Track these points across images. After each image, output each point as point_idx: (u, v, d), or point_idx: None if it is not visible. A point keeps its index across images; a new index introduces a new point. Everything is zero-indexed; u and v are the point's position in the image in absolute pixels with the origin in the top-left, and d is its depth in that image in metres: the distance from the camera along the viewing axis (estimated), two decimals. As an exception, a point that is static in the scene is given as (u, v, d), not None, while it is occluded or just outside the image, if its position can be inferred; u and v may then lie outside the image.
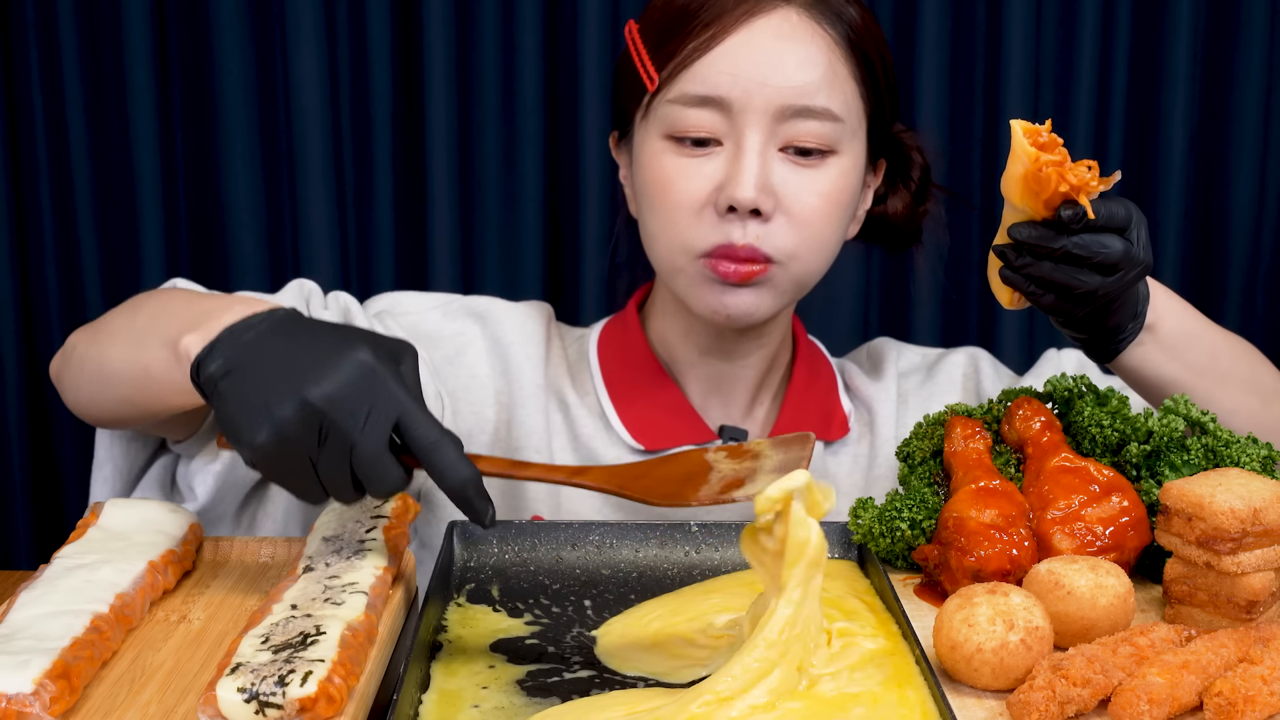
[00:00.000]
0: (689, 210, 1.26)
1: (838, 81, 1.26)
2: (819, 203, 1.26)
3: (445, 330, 1.41)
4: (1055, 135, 1.05)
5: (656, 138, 1.28)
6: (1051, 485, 1.07)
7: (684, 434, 1.37)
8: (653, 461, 1.02)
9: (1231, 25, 1.94)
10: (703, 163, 1.25)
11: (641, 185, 1.30)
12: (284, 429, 0.91)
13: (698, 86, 1.24)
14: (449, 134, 1.88)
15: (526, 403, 1.38)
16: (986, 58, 1.93)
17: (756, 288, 1.26)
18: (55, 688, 0.84)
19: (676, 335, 1.38)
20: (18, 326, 1.92)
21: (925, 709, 0.88)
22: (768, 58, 1.23)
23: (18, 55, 1.88)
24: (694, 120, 1.25)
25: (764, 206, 1.23)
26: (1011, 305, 1.14)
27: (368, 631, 0.92)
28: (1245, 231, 1.97)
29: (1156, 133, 1.94)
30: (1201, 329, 1.25)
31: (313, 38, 1.86)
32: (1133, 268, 1.10)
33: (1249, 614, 0.97)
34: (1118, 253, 1.08)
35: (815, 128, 1.25)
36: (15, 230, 1.91)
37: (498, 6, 1.88)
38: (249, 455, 0.93)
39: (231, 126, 1.88)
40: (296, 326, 0.98)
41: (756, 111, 1.23)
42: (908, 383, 1.47)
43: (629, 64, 1.31)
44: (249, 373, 0.95)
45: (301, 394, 0.91)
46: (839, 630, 0.98)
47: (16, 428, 1.93)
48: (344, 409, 0.91)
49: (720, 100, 1.24)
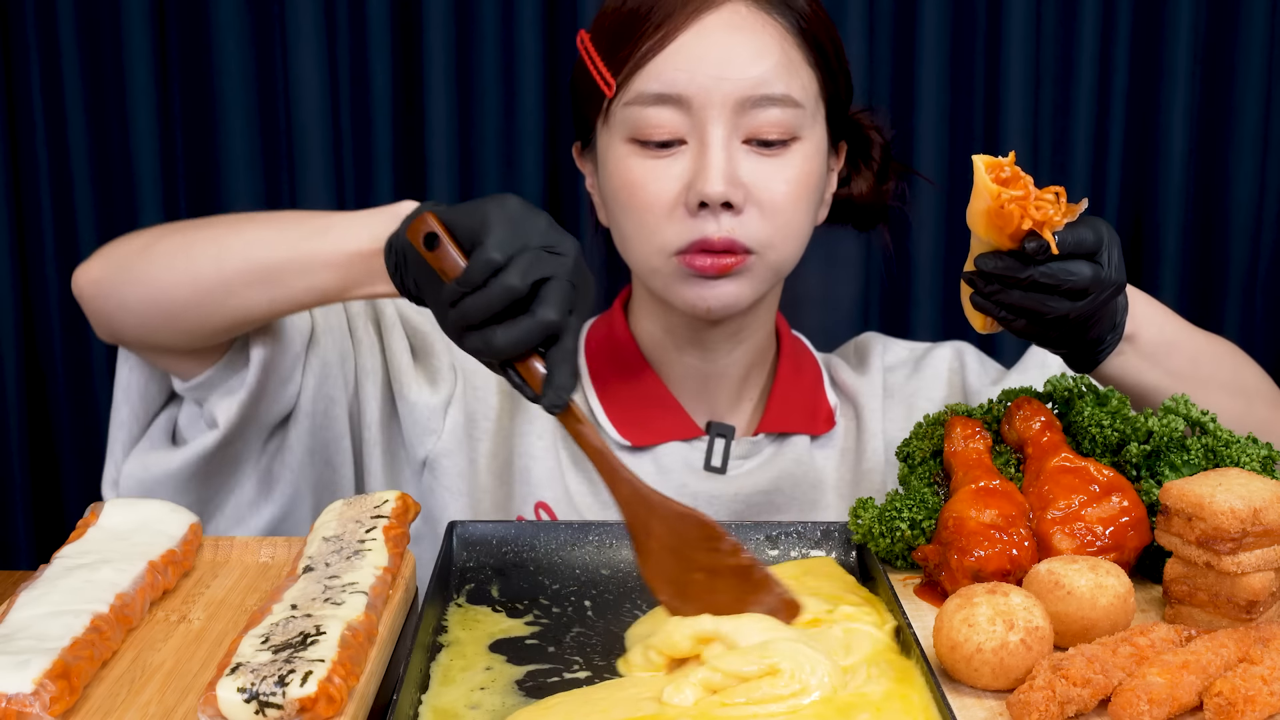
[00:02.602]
0: (660, 211, 1.26)
1: (793, 68, 1.27)
2: (788, 189, 1.27)
3: None
4: (1018, 169, 1.04)
5: (620, 142, 1.29)
6: (1051, 485, 1.07)
7: (670, 430, 1.37)
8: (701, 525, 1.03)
9: (1231, 25, 1.94)
10: (669, 163, 1.26)
11: (610, 191, 1.31)
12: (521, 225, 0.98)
13: (654, 85, 1.25)
14: (449, 134, 1.89)
15: None
16: (986, 58, 1.93)
17: (735, 278, 1.27)
18: (55, 688, 0.84)
19: (659, 333, 1.39)
20: (18, 326, 1.92)
21: (925, 709, 0.88)
22: (721, 52, 1.25)
23: (18, 55, 1.88)
24: (655, 120, 1.26)
25: (734, 199, 1.24)
26: (985, 329, 1.14)
27: (368, 631, 0.92)
28: (1245, 231, 1.97)
29: (1156, 133, 1.94)
30: (1182, 335, 1.26)
31: (313, 38, 1.86)
32: (1103, 290, 1.09)
33: (1249, 614, 0.97)
34: (1086, 279, 1.07)
35: (776, 115, 1.26)
36: (15, 230, 1.91)
37: (498, 6, 1.88)
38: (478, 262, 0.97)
39: (231, 126, 1.88)
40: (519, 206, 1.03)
41: (716, 106, 1.24)
42: (894, 376, 1.47)
43: (584, 72, 1.32)
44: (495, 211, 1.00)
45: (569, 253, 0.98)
46: (845, 616, 0.99)
47: (16, 428, 1.93)
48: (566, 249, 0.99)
49: (678, 97, 1.25)
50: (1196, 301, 2.00)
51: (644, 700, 0.89)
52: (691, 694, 0.89)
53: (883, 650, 0.96)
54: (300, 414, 1.30)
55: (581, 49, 1.33)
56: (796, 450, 1.40)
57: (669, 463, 1.37)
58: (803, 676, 0.89)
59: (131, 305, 1.21)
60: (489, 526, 1.16)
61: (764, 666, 0.89)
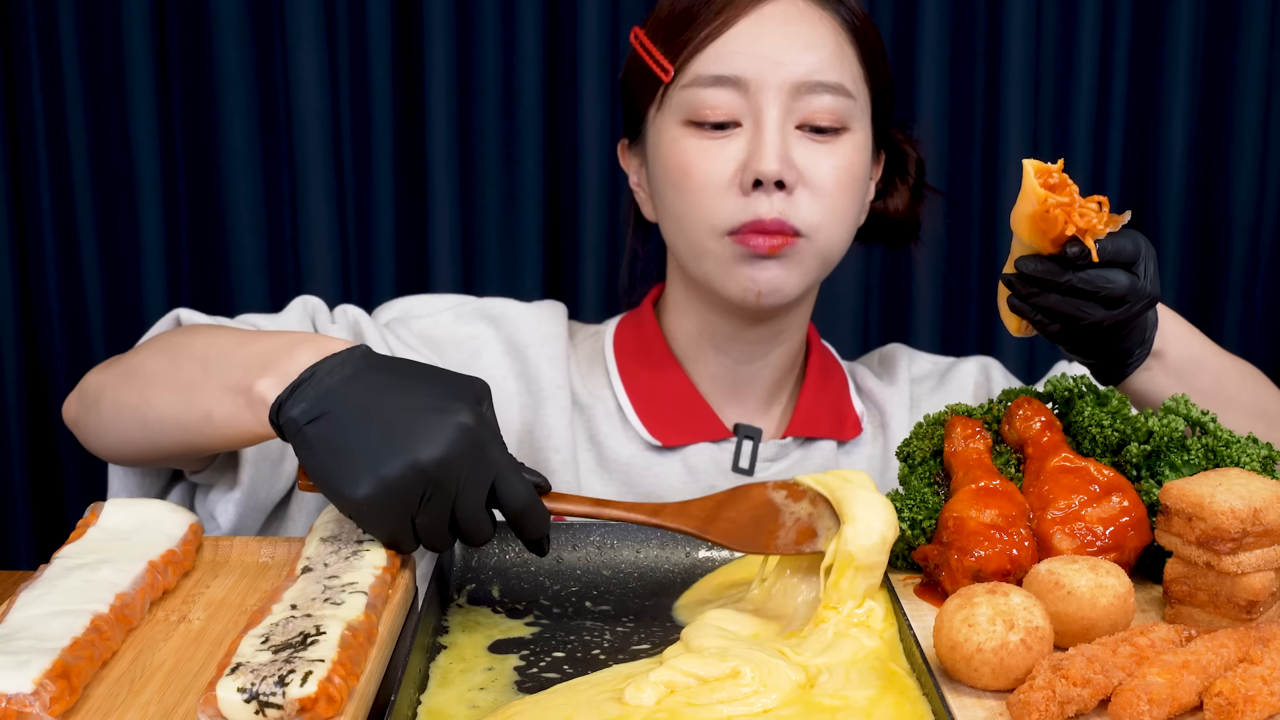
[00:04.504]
0: (715, 190, 1.28)
1: (845, 60, 1.31)
2: (837, 176, 1.30)
3: (458, 334, 1.41)
4: (1065, 175, 1.07)
5: (675, 125, 1.31)
6: (1051, 485, 1.07)
7: (699, 430, 1.37)
8: (719, 499, 1.08)
9: (1231, 25, 1.93)
10: (724, 144, 1.29)
11: (663, 172, 1.32)
12: (392, 487, 0.94)
13: (714, 67, 1.28)
14: (449, 134, 1.88)
15: (547, 403, 1.38)
16: (986, 58, 1.93)
17: (784, 260, 1.29)
18: (55, 688, 0.84)
19: (694, 332, 1.39)
20: (18, 326, 1.92)
21: (925, 709, 0.88)
22: (778, 38, 1.28)
23: (18, 55, 1.88)
24: (712, 101, 1.28)
25: (787, 178, 1.26)
26: (1019, 333, 1.17)
27: (368, 631, 0.92)
28: (1245, 231, 1.97)
29: (1156, 133, 1.94)
30: (1208, 354, 1.28)
31: (313, 38, 1.86)
32: (1138, 300, 1.11)
33: (1249, 614, 0.97)
34: (1123, 287, 1.09)
35: (829, 102, 1.29)
36: (15, 230, 1.91)
37: (498, 6, 1.88)
38: (349, 507, 0.96)
39: (231, 126, 1.88)
40: (382, 370, 0.99)
41: (772, 88, 1.27)
42: (920, 388, 1.49)
43: (638, 65, 1.34)
44: (342, 420, 0.96)
45: (413, 457, 0.94)
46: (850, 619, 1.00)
47: (16, 428, 1.93)
48: (451, 473, 0.95)
49: (736, 79, 1.28)
50: (1196, 301, 2.00)
51: (604, 701, 0.89)
52: (652, 694, 0.89)
53: (871, 654, 0.96)
54: (297, 491, 1.29)
55: (636, 43, 1.35)
56: (823, 455, 1.41)
57: (698, 463, 1.37)
58: (763, 678, 0.90)
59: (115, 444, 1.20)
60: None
61: (725, 670, 0.90)
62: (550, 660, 0.99)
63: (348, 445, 0.95)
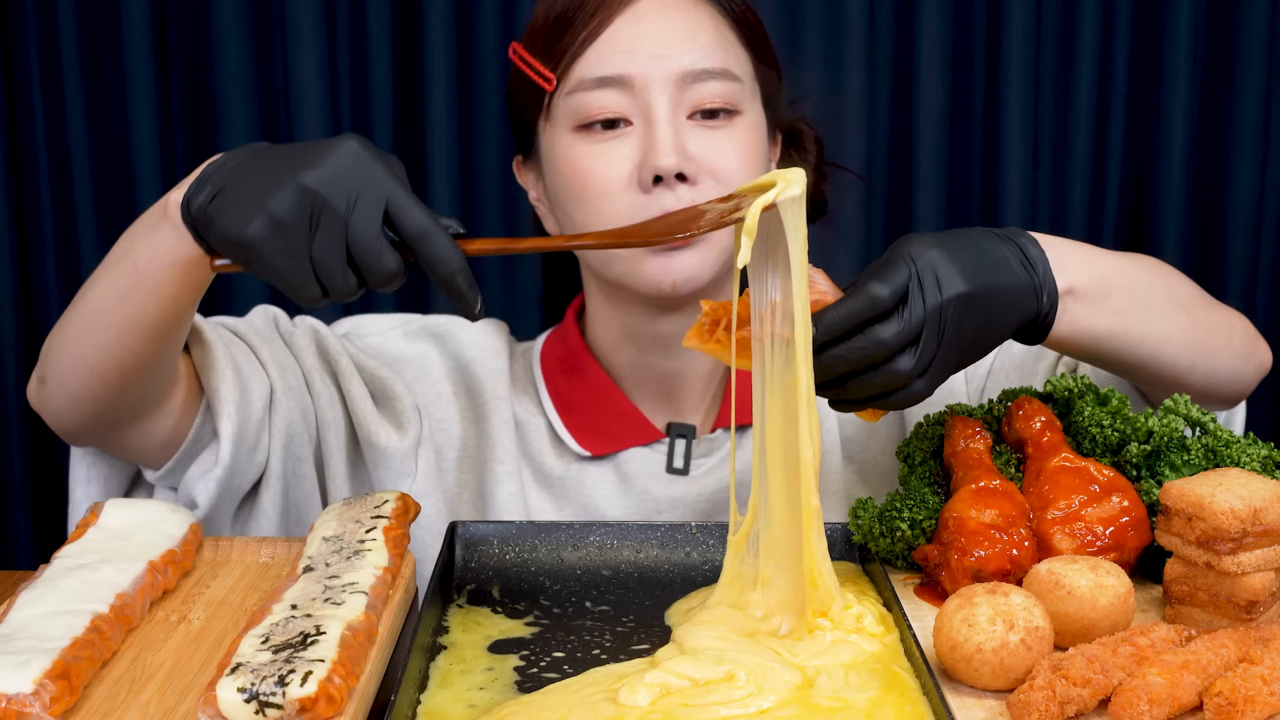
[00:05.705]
0: (613, 193, 1.26)
1: (728, 45, 1.30)
2: (739, 160, 1.27)
3: (407, 351, 1.42)
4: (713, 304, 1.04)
5: (565, 133, 1.29)
6: (1051, 485, 1.07)
7: (629, 435, 1.37)
8: (647, 220, 1.07)
9: (1231, 25, 1.93)
10: (616, 145, 1.26)
11: (560, 182, 1.30)
12: (278, 213, 0.91)
13: (596, 69, 1.26)
14: (449, 134, 1.88)
15: (491, 416, 1.39)
16: (986, 58, 1.93)
17: (696, 247, 1.26)
18: (55, 688, 0.84)
19: (614, 338, 1.38)
20: (18, 326, 1.92)
21: (925, 710, 0.88)
22: (657, 32, 1.26)
23: (18, 55, 1.88)
24: (599, 102, 1.26)
25: (688, 170, 1.24)
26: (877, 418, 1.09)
27: (368, 631, 0.92)
28: (1245, 231, 1.97)
29: (1156, 133, 1.94)
30: (1112, 266, 1.17)
31: (313, 38, 1.86)
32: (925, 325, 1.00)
33: (1249, 614, 0.97)
34: (881, 341, 0.99)
35: (717, 88, 1.27)
36: (15, 230, 1.91)
37: (498, 6, 1.88)
38: (241, 251, 0.93)
39: (231, 126, 1.88)
40: (277, 146, 0.98)
41: (658, 83, 1.25)
42: None
43: (521, 80, 1.33)
44: (240, 180, 0.94)
45: (296, 179, 0.91)
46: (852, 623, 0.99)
47: (16, 428, 1.93)
48: (338, 190, 0.92)
49: (620, 79, 1.26)
50: (1196, 301, 2.00)
51: (599, 701, 0.89)
52: (646, 695, 0.89)
53: (871, 658, 0.96)
54: (270, 477, 1.28)
55: (515, 58, 1.33)
56: None
57: (630, 469, 1.36)
58: (759, 681, 0.89)
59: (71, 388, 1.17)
60: (490, 527, 1.16)
61: (719, 673, 0.90)
62: (550, 660, 0.99)
63: (242, 193, 0.93)
